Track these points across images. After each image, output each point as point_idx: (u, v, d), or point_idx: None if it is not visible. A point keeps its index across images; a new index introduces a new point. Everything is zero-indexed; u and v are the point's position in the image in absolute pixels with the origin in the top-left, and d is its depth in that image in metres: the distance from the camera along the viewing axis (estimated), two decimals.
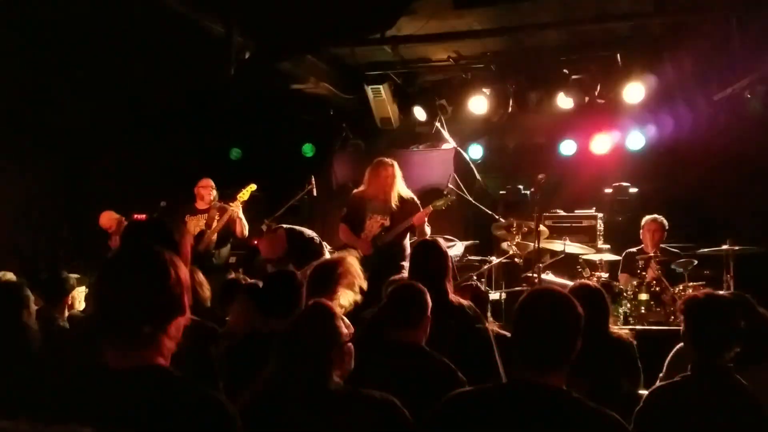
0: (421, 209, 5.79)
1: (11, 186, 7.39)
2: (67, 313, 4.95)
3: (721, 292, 3.40)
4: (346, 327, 2.62)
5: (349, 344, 2.44)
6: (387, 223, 5.72)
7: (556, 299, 2.11)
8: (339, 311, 3.33)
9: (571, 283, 4.82)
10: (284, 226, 5.98)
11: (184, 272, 1.77)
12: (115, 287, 1.70)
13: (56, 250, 7.68)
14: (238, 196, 6.32)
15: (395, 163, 5.84)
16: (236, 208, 6.32)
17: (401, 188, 5.82)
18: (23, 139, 7.36)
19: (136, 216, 6.86)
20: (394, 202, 5.72)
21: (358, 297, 3.42)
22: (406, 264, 5.65)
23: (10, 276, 4.89)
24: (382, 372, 2.69)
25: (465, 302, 3.49)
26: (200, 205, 6.49)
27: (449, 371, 2.78)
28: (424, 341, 2.91)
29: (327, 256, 5.99)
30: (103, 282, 1.73)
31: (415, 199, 5.91)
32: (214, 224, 6.30)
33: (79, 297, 5.74)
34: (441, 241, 3.90)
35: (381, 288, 4.45)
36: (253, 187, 6.45)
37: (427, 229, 5.78)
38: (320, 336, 2.49)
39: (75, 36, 5.83)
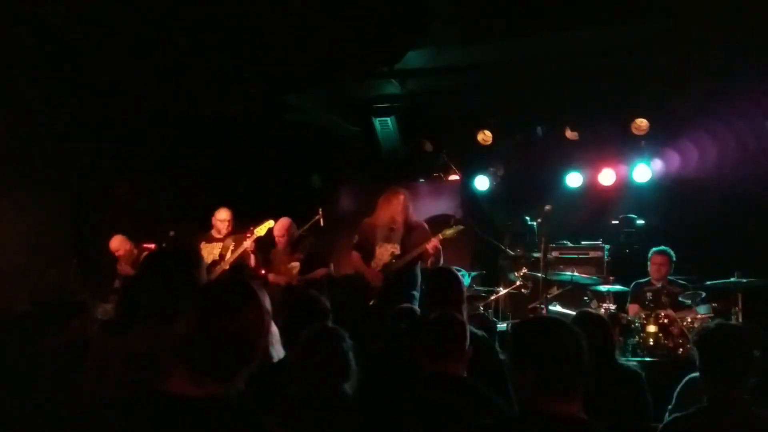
0: (431, 237, 5.80)
1: (21, 217, 7.46)
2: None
3: (732, 323, 3.40)
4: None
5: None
6: (397, 251, 5.74)
7: (561, 326, 2.12)
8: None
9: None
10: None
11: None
12: (220, 327, 1.73)
13: (65, 280, 7.71)
14: (255, 231, 6.34)
15: (406, 193, 5.89)
16: (250, 244, 6.31)
17: (412, 217, 5.85)
18: (34, 170, 7.45)
19: (145, 245, 6.93)
20: (404, 230, 5.75)
21: None
22: (416, 293, 5.65)
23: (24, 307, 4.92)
24: (424, 405, 2.68)
25: (479, 332, 3.49)
26: (216, 234, 6.53)
27: (497, 405, 2.75)
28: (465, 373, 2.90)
29: None
30: (206, 316, 1.75)
31: (425, 226, 5.93)
32: (228, 255, 6.31)
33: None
34: (454, 269, 3.92)
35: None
36: (270, 223, 6.44)
37: (440, 257, 5.78)
38: (335, 367, 2.52)
39: (86, 70, 5.94)
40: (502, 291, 6.74)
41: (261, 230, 6.41)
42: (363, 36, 5.58)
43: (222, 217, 6.55)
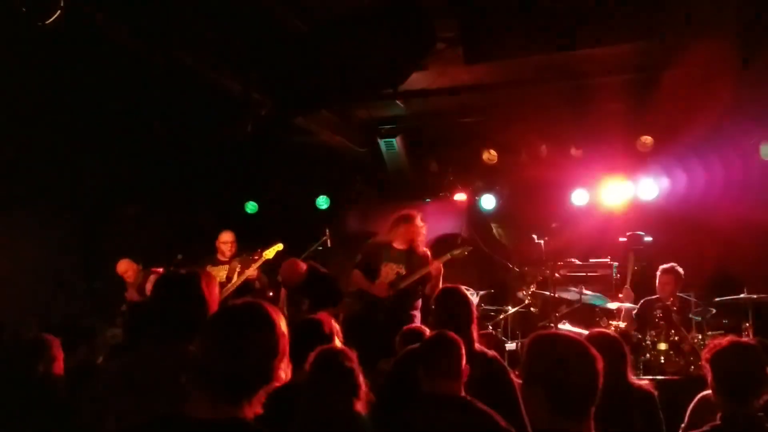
0: (433, 261, 5.81)
1: (30, 242, 7.50)
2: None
3: (744, 339, 3.38)
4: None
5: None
6: (403, 271, 5.75)
7: (576, 345, 2.11)
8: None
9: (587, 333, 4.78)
10: (310, 262, 6.24)
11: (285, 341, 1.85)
12: (233, 348, 1.74)
13: (74, 303, 7.73)
14: (264, 254, 6.36)
15: (419, 218, 5.92)
16: (253, 272, 6.31)
17: (422, 242, 5.89)
18: (42, 195, 7.50)
19: (153, 269, 6.95)
20: (413, 252, 5.78)
21: None
22: (416, 313, 5.67)
23: (33, 331, 4.93)
24: (424, 426, 2.67)
25: (490, 352, 3.48)
26: (221, 257, 6.57)
27: (494, 422, 2.75)
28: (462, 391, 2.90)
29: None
30: (222, 339, 1.76)
31: (428, 252, 5.96)
32: (235, 277, 6.33)
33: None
34: (464, 289, 3.91)
35: (393, 338, 4.47)
36: (279, 246, 6.46)
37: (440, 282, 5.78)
38: (345, 388, 2.52)
39: (94, 94, 6.00)
40: (511, 310, 6.72)
41: (270, 253, 6.41)
42: (367, 58, 5.63)
43: (225, 239, 6.61)
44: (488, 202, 8.30)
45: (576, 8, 5.20)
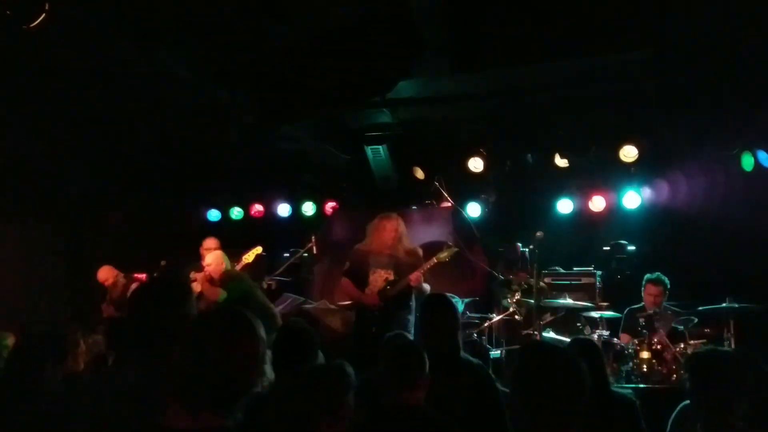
0: (423, 263, 5.79)
1: (12, 248, 7.42)
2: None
3: (724, 348, 3.41)
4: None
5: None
6: (391, 276, 5.72)
7: (561, 354, 2.12)
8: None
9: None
10: None
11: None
12: (216, 358, 1.72)
13: (56, 311, 7.64)
14: (243, 258, 6.35)
15: (399, 218, 5.89)
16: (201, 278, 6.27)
17: (405, 242, 5.84)
18: (24, 201, 7.43)
19: (136, 275, 6.90)
20: (397, 255, 5.74)
21: None
22: (411, 318, 5.63)
23: (11, 338, 4.85)
24: None
25: (475, 360, 3.47)
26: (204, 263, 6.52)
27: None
28: (424, 400, 2.87)
29: None
30: (201, 348, 1.75)
31: (419, 252, 5.92)
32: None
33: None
34: (449, 296, 3.90)
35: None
36: (258, 249, 6.49)
37: (426, 287, 5.76)
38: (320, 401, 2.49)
39: (77, 99, 5.96)
40: (496, 318, 6.73)
41: (249, 257, 6.44)
42: (355, 66, 5.64)
43: (208, 245, 6.59)
44: (474, 209, 8.32)
45: (562, 20, 5.25)
